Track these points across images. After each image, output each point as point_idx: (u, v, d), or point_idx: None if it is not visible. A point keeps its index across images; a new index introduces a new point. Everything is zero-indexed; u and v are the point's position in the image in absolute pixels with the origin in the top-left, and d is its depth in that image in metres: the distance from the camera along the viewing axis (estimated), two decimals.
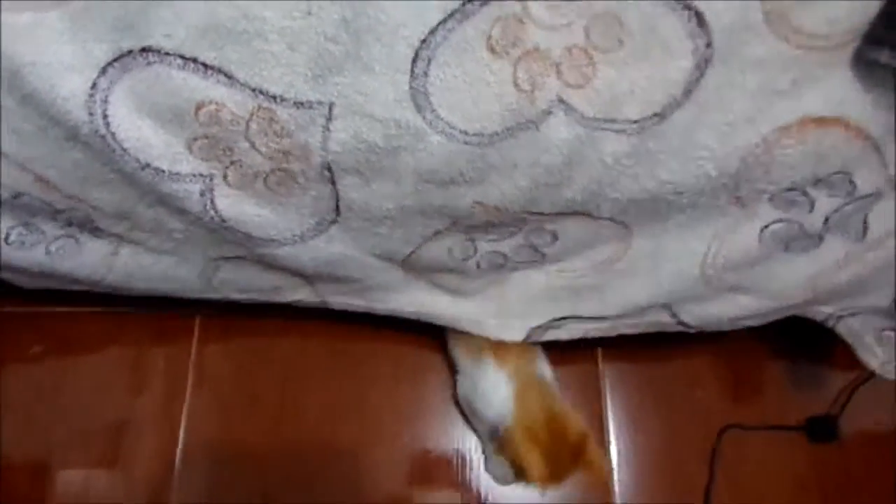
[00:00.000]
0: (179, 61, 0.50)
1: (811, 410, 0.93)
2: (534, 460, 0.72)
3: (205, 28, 0.49)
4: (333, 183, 0.58)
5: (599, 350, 0.94)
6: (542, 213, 0.63)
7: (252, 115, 0.53)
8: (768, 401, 0.94)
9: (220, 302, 0.83)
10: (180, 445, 0.86)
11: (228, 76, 0.51)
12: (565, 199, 0.60)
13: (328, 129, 0.54)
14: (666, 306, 0.73)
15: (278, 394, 0.89)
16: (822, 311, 0.76)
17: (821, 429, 0.92)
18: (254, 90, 0.52)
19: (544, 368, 0.81)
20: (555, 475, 0.73)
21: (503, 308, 0.76)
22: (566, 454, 0.74)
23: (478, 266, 0.71)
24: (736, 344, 0.95)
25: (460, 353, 0.84)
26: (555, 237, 0.67)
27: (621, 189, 0.59)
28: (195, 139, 0.54)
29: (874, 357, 0.74)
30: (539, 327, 0.76)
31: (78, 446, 0.85)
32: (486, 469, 0.86)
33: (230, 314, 0.91)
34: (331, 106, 0.53)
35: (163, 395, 0.88)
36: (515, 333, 0.77)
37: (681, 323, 0.75)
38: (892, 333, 0.72)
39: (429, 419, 0.90)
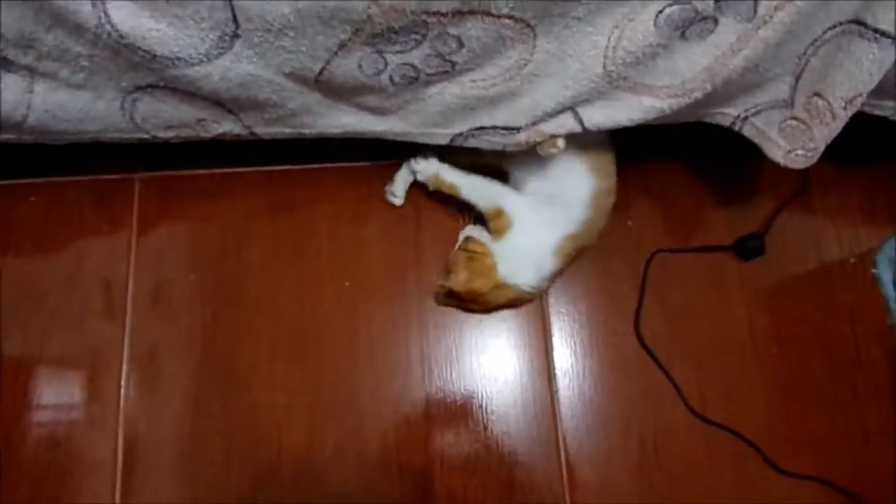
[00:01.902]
0: None
1: (740, 232, 0.97)
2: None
3: None
4: None
5: None
6: (440, 14, 0.63)
7: None
8: (698, 226, 0.98)
9: (156, 155, 0.85)
10: (129, 300, 0.90)
11: None
12: None
13: None
14: (572, 111, 0.75)
15: (219, 247, 0.92)
16: (728, 114, 0.79)
17: (748, 246, 0.96)
18: None
19: None
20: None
21: (426, 120, 0.79)
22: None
23: (391, 81, 0.72)
24: (665, 173, 0.98)
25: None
26: (460, 43, 0.68)
27: None
28: None
29: (778, 149, 0.77)
30: (461, 135, 0.80)
31: (29, 307, 0.88)
32: None
33: (168, 169, 0.94)
34: None
35: (108, 255, 0.91)
36: (440, 139, 0.81)
37: (582, 124, 0.77)
38: (792, 122, 0.74)
39: (369, 261, 0.93)
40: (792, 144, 0.75)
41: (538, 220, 0.86)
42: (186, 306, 0.90)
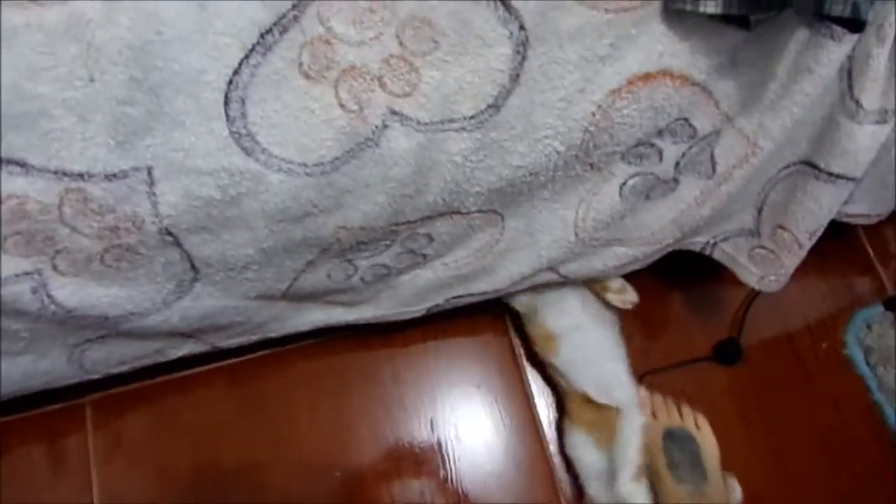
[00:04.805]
0: None
1: (717, 335, 0.97)
2: None
3: None
4: (179, 244, 0.54)
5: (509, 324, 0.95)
6: (410, 222, 0.61)
7: (62, 199, 0.48)
8: (677, 338, 0.97)
9: (105, 379, 0.78)
10: None
11: (21, 165, 0.46)
12: (427, 203, 0.59)
13: (154, 195, 0.50)
14: (551, 268, 0.75)
15: (192, 461, 0.84)
16: (697, 242, 0.80)
17: (726, 352, 0.96)
18: (55, 173, 0.47)
19: None
20: None
21: (400, 302, 0.76)
22: None
23: (363, 281, 0.69)
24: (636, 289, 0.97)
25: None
26: (430, 238, 0.66)
27: (479, 182, 0.58)
28: (6, 238, 0.49)
29: (751, 274, 0.78)
30: (437, 305, 0.78)
31: None
32: None
33: (120, 385, 0.85)
34: (149, 170, 0.48)
35: (67, 499, 0.81)
36: (416, 314, 0.79)
37: (563, 277, 0.76)
38: (761, 250, 0.76)
39: (358, 441, 0.87)
40: (764, 271, 0.77)
41: None
42: None
